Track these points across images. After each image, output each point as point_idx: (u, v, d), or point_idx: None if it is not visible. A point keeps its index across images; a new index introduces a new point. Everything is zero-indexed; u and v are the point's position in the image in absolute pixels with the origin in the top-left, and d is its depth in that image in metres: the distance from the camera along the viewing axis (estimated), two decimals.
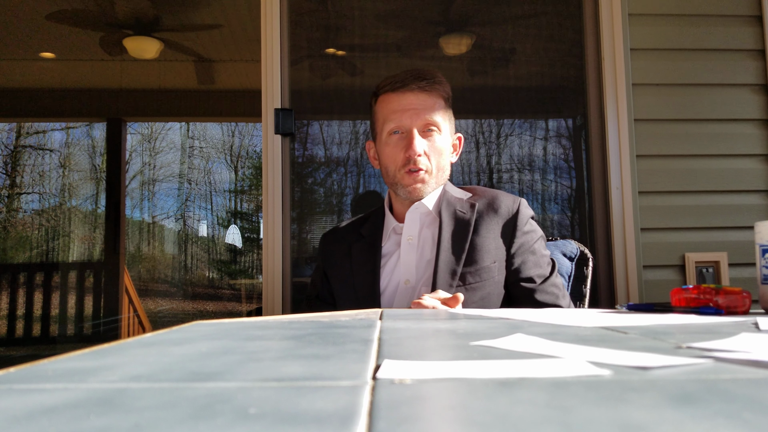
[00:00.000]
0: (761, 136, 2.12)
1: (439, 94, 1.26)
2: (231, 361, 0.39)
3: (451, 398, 0.27)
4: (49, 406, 0.27)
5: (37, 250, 9.28)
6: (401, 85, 1.25)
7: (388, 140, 1.27)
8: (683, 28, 2.15)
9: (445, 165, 1.29)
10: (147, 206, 10.82)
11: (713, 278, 2.05)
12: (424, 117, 1.24)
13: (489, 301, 1.22)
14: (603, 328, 0.60)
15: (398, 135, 1.25)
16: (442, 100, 1.28)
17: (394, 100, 1.25)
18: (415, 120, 1.23)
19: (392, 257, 1.29)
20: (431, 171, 1.26)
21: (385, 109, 1.27)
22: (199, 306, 9.98)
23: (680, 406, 0.25)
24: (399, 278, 1.26)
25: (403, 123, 1.24)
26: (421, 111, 1.24)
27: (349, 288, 1.30)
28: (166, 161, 10.74)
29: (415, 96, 1.24)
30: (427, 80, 1.25)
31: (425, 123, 1.24)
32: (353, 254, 1.32)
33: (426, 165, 1.25)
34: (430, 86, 1.25)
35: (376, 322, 0.68)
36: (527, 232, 1.27)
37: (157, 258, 10.85)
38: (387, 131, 1.26)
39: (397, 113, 1.24)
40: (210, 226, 11.37)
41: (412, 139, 1.23)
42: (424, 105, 1.24)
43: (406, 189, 1.26)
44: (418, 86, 1.24)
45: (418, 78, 1.25)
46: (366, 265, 1.29)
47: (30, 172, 9.42)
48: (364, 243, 1.33)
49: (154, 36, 3.80)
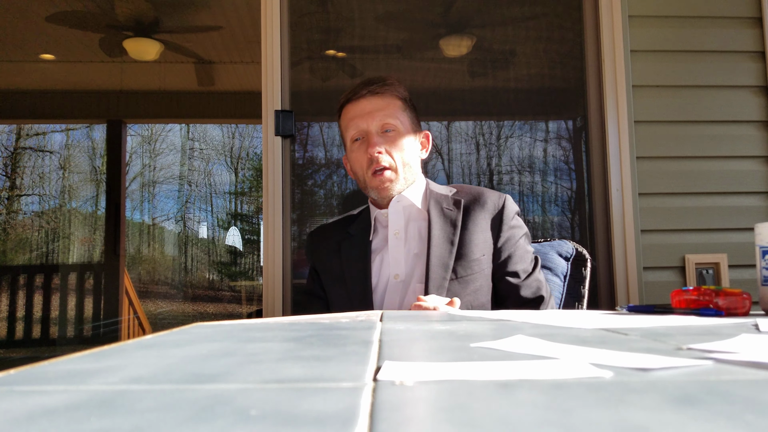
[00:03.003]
0: (761, 138, 2.12)
1: (392, 95, 1.33)
2: (231, 363, 0.39)
3: (452, 400, 0.27)
4: (50, 407, 0.26)
5: (37, 252, 9.28)
6: (353, 95, 1.33)
7: (352, 147, 1.34)
8: (683, 30, 2.16)
9: (411, 161, 1.33)
10: (147, 208, 10.81)
11: (713, 280, 2.05)
12: (379, 118, 1.30)
13: (480, 293, 1.26)
14: (603, 329, 0.60)
15: (360, 141, 1.32)
16: (398, 100, 1.33)
17: (351, 109, 1.33)
18: (371, 122, 1.30)
19: (380, 252, 1.32)
20: (395, 167, 1.30)
21: (345, 119, 1.35)
22: (199, 308, 9.97)
23: (681, 407, 0.25)
24: (388, 273, 1.30)
25: (361, 127, 1.31)
26: (376, 113, 1.30)
27: (340, 285, 1.33)
28: (166, 163, 10.74)
29: (368, 101, 1.31)
30: (377, 83, 1.32)
31: (381, 123, 1.30)
32: (342, 251, 1.36)
33: (388, 162, 1.29)
34: (381, 89, 1.32)
35: (377, 323, 0.68)
36: (513, 226, 1.31)
37: (157, 260, 10.85)
38: (350, 139, 1.34)
39: (355, 120, 1.32)
40: (210, 228, 11.36)
41: (370, 139, 1.29)
42: (377, 107, 1.31)
43: (376, 190, 1.31)
44: (369, 91, 1.31)
45: (368, 84, 1.32)
46: (356, 262, 1.32)
47: (30, 173, 9.41)
48: (352, 240, 1.36)
49: (154, 38, 3.80)
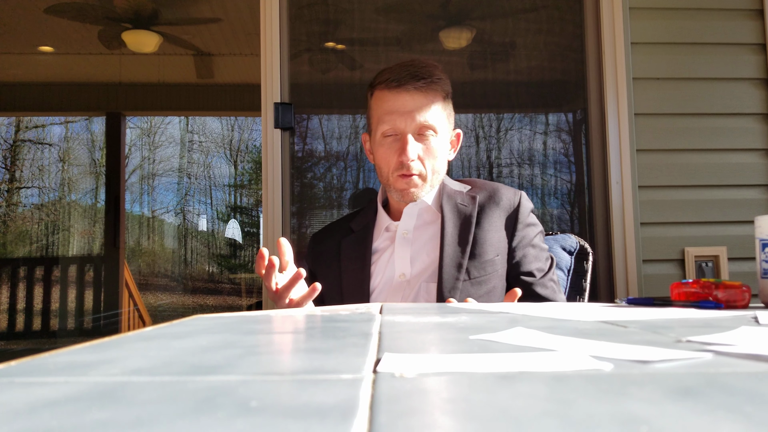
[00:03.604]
0: (762, 131, 2.12)
1: (436, 93, 1.21)
2: (232, 355, 0.39)
3: (452, 392, 0.27)
4: (51, 399, 0.27)
5: (37, 245, 9.29)
6: (397, 84, 1.19)
7: (382, 141, 1.23)
8: (684, 22, 2.15)
9: (441, 167, 1.25)
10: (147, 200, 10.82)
11: (713, 272, 2.05)
12: (419, 120, 1.18)
13: (494, 294, 1.21)
14: (603, 322, 0.60)
15: (392, 137, 1.21)
16: (441, 97, 1.22)
17: (389, 99, 1.20)
18: (409, 123, 1.18)
19: (385, 252, 1.27)
20: (425, 175, 1.22)
21: (379, 108, 1.22)
22: (199, 300, 10.00)
23: (680, 399, 0.25)
24: (393, 272, 1.24)
25: (397, 126, 1.19)
26: (416, 112, 1.18)
27: (335, 284, 1.27)
28: (165, 155, 10.74)
29: (410, 96, 1.19)
30: (424, 78, 1.19)
31: (420, 126, 1.19)
32: (342, 249, 1.30)
33: (419, 169, 1.21)
34: (428, 85, 1.19)
35: (377, 316, 0.68)
36: (529, 224, 1.26)
37: (156, 252, 10.87)
38: (381, 132, 1.22)
39: (392, 115, 1.19)
40: (210, 221, 11.37)
41: (405, 144, 1.18)
42: (420, 106, 1.19)
43: (399, 192, 1.23)
44: (415, 87, 1.18)
45: (415, 77, 1.18)
46: (355, 261, 1.27)
47: (29, 166, 9.41)
48: (353, 237, 1.31)
49: (153, 30, 3.79)
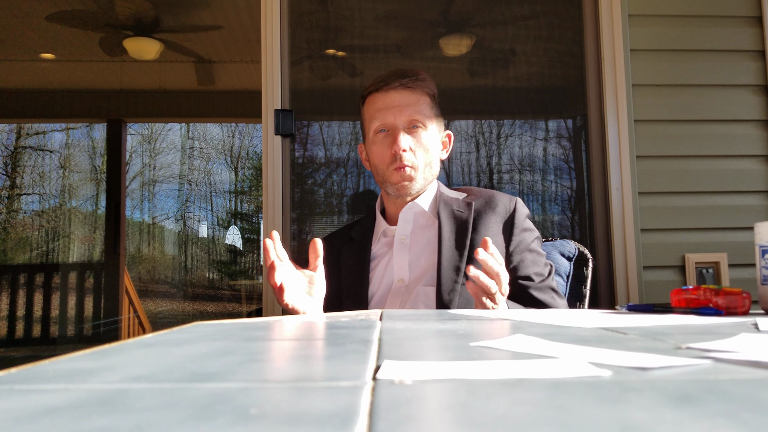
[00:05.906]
0: (761, 137, 2.12)
1: (423, 91, 1.29)
2: (231, 362, 0.39)
3: (451, 399, 0.27)
4: (51, 406, 0.27)
5: (38, 251, 9.27)
6: (384, 84, 1.28)
7: (375, 139, 1.29)
8: (683, 29, 2.16)
9: (433, 161, 1.30)
10: (147, 207, 10.81)
11: (713, 279, 2.05)
12: (407, 113, 1.26)
13: None
14: (603, 328, 0.60)
15: (384, 133, 1.28)
16: (427, 96, 1.30)
17: (379, 99, 1.28)
18: (399, 117, 1.26)
19: (384, 258, 1.29)
20: (417, 167, 1.27)
21: (371, 109, 1.30)
22: (199, 307, 9.97)
23: (679, 406, 0.25)
24: (392, 278, 1.26)
25: (388, 120, 1.26)
26: (405, 108, 1.26)
27: (335, 291, 1.27)
28: (166, 162, 10.73)
29: (398, 93, 1.27)
30: (409, 77, 1.27)
31: (409, 119, 1.26)
32: (342, 257, 1.33)
33: (412, 161, 1.26)
34: (413, 83, 1.27)
35: (376, 322, 0.68)
36: (525, 229, 1.28)
37: (157, 259, 10.85)
38: (374, 130, 1.29)
39: (382, 111, 1.27)
40: (210, 227, 11.35)
41: (397, 136, 1.25)
42: (408, 102, 1.26)
43: (395, 186, 1.28)
44: (401, 83, 1.27)
45: (401, 76, 1.27)
46: (354, 267, 1.29)
47: (30, 173, 9.41)
48: (353, 245, 1.34)
49: (154, 37, 3.80)
